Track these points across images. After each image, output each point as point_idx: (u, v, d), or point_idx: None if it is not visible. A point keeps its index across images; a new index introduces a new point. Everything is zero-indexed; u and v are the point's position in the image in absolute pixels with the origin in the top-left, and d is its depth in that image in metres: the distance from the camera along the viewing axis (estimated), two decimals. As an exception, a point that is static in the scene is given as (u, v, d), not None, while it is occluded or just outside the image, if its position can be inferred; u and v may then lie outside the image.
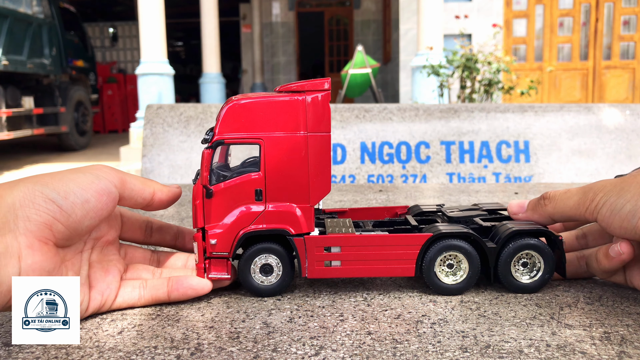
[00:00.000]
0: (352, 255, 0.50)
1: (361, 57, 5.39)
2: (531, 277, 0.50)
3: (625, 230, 0.44)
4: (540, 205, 0.51)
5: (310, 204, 0.50)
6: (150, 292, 0.48)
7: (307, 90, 0.48)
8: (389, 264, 0.50)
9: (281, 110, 0.48)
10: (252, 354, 0.39)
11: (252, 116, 0.48)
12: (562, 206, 0.49)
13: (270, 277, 0.50)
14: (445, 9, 5.79)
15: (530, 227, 0.50)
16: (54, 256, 0.42)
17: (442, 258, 0.50)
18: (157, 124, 2.24)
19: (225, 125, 0.49)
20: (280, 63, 9.98)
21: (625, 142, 2.21)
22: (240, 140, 0.49)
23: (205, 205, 0.49)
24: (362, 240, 0.50)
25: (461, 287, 0.50)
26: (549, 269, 0.50)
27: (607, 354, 0.38)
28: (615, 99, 6.94)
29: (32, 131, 6.07)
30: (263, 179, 0.49)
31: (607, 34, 7.01)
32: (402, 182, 2.18)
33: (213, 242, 0.49)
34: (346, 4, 9.82)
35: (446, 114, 2.25)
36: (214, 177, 0.49)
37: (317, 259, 0.50)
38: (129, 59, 12.17)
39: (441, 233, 0.49)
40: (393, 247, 0.50)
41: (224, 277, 0.50)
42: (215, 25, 6.98)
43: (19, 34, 5.81)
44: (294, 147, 0.48)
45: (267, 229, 0.50)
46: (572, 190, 0.49)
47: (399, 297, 0.50)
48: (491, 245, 0.50)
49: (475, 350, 0.39)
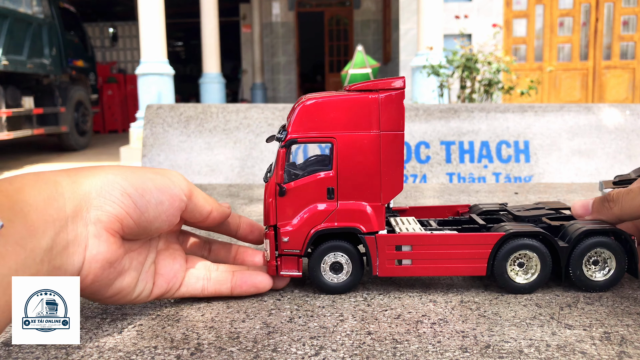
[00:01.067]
0: (423, 254, 0.50)
1: (361, 57, 5.39)
2: (604, 276, 0.50)
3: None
4: (606, 208, 0.51)
5: (382, 203, 0.50)
6: (215, 286, 0.49)
7: (381, 88, 0.48)
8: (461, 262, 0.50)
9: (354, 108, 0.48)
10: (252, 354, 0.39)
11: (325, 115, 0.48)
12: (629, 207, 0.49)
13: (341, 275, 0.51)
14: (445, 9, 5.79)
15: (601, 226, 0.50)
16: (118, 248, 0.42)
17: (513, 257, 0.50)
18: (157, 124, 2.24)
19: (299, 124, 0.49)
20: (280, 63, 9.98)
21: (625, 142, 2.21)
22: (313, 139, 0.49)
23: (278, 203, 0.50)
24: (434, 239, 0.50)
25: (532, 285, 0.50)
26: (621, 268, 0.50)
27: (607, 354, 0.38)
28: (615, 99, 6.94)
29: (32, 131, 6.07)
30: (335, 178, 0.49)
31: (607, 34, 7.01)
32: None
33: (285, 239, 0.50)
34: (346, 4, 9.82)
35: (446, 114, 2.25)
36: (287, 176, 0.50)
37: (388, 257, 0.50)
38: (129, 59, 12.18)
39: (513, 232, 0.50)
40: (464, 247, 0.50)
41: (296, 274, 0.51)
42: (215, 25, 6.98)
43: (19, 34, 5.81)
44: (367, 146, 0.48)
45: (338, 227, 0.50)
46: (634, 190, 0.49)
47: (399, 297, 0.50)
48: (563, 244, 0.50)
49: (475, 350, 0.39)
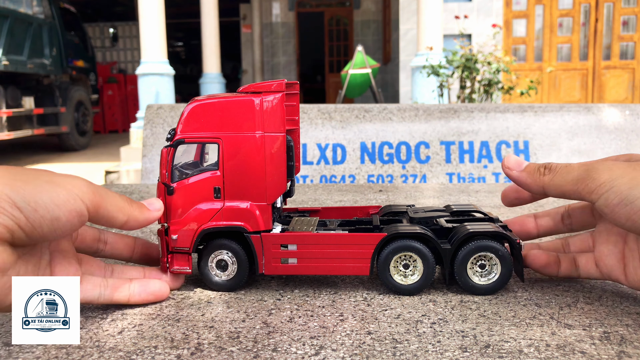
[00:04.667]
0: (308, 253, 0.51)
1: (361, 57, 5.39)
2: (488, 280, 0.49)
3: (633, 222, 0.42)
4: (539, 173, 0.48)
5: (267, 202, 0.51)
6: (111, 293, 0.48)
7: (264, 91, 0.49)
8: (345, 262, 0.50)
9: (237, 110, 0.49)
10: (252, 354, 0.39)
11: (212, 116, 0.50)
12: (560, 180, 0.46)
13: (227, 272, 0.52)
14: (445, 9, 5.79)
15: (488, 229, 0.49)
16: (9, 256, 0.40)
17: (396, 258, 0.50)
18: (157, 124, 2.24)
19: (187, 125, 0.50)
20: (280, 63, 9.98)
21: (625, 142, 2.21)
22: (199, 139, 0.51)
23: (168, 202, 0.51)
24: (318, 238, 0.51)
25: (416, 287, 0.50)
26: (507, 272, 0.49)
27: (607, 353, 0.38)
28: (615, 99, 6.94)
29: (32, 131, 6.08)
30: (222, 178, 0.50)
31: (607, 34, 7.01)
32: (402, 182, 2.18)
33: (174, 237, 0.51)
34: (346, 4, 9.82)
35: (446, 114, 2.25)
36: (177, 175, 0.51)
37: (273, 256, 0.51)
38: (129, 59, 12.17)
39: (395, 233, 0.49)
40: (348, 246, 0.50)
41: (185, 271, 0.52)
42: (216, 25, 6.98)
43: (20, 34, 5.81)
44: (251, 147, 0.49)
45: (224, 226, 0.51)
46: (573, 165, 0.46)
47: (399, 297, 0.50)
48: (446, 246, 0.50)
49: (475, 350, 0.39)
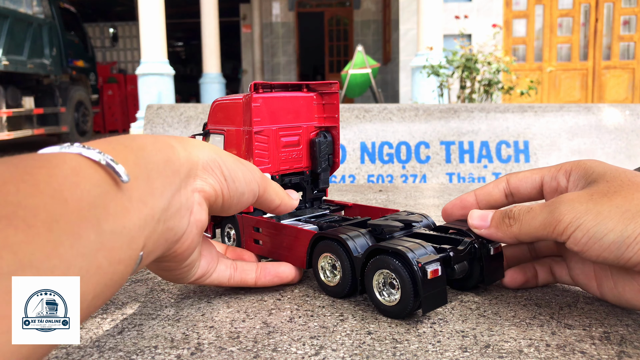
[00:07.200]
0: (266, 238, 0.54)
1: (361, 57, 5.39)
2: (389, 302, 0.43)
3: (605, 259, 0.40)
4: (505, 225, 0.45)
5: None
6: (241, 275, 0.50)
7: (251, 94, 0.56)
8: (290, 252, 0.52)
9: (233, 108, 0.57)
10: (252, 354, 0.39)
11: (222, 112, 0.57)
12: (527, 227, 0.43)
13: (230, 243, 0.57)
14: (445, 9, 5.80)
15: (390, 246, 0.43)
16: (206, 220, 0.43)
17: (323, 257, 0.50)
18: (157, 124, 2.24)
19: (210, 119, 0.59)
20: (280, 63, 9.98)
21: (624, 142, 2.22)
22: (216, 131, 0.58)
23: None
24: (271, 226, 0.53)
25: (337, 290, 0.48)
26: (406, 295, 0.42)
27: (607, 353, 0.38)
28: (615, 99, 6.95)
29: (32, 131, 6.08)
30: None
31: (607, 34, 7.02)
32: (402, 182, 2.18)
33: None
34: (346, 4, 9.83)
35: (446, 114, 2.25)
36: None
37: (249, 236, 0.55)
38: (129, 59, 12.19)
39: (319, 234, 0.49)
40: (292, 239, 0.52)
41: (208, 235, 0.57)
42: (216, 25, 6.98)
43: (20, 34, 5.81)
44: (238, 139, 0.56)
45: None
46: (535, 209, 0.43)
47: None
48: (357, 255, 0.46)
49: (475, 350, 0.39)
